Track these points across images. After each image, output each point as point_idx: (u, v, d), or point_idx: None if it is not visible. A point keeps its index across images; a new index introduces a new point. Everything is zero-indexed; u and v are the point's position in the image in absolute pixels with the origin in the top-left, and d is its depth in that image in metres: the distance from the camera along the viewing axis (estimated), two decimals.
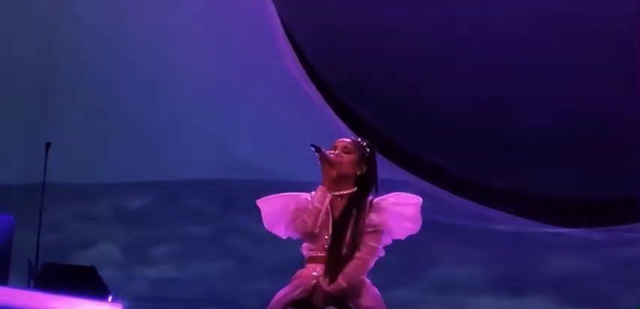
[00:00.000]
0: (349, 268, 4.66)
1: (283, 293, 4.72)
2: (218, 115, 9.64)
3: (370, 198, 4.77)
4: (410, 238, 4.79)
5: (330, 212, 4.75)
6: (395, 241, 4.80)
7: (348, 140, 4.89)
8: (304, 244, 4.81)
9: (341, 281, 4.64)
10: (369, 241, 4.70)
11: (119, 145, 9.88)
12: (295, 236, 4.83)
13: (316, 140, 4.81)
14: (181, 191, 9.83)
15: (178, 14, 9.88)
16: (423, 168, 8.79)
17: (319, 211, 4.70)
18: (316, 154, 4.75)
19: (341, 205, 4.76)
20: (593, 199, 8.46)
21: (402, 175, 8.73)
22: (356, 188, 4.78)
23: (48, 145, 9.12)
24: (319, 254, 4.73)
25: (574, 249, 8.54)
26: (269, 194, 4.87)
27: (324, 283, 4.66)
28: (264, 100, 9.46)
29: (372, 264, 4.73)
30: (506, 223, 8.65)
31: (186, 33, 9.79)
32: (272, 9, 9.72)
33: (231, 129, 9.59)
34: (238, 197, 9.27)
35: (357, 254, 4.67)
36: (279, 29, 9.68)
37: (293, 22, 9.60)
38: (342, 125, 8.94)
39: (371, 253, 4.71)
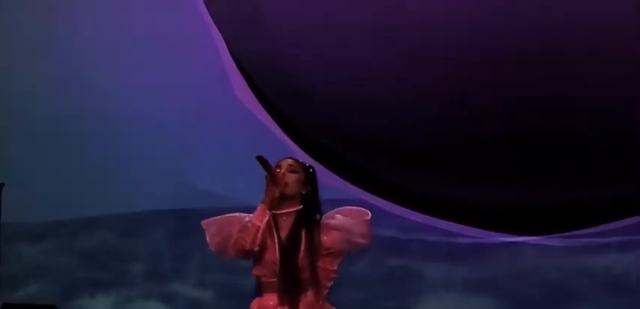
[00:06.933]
0: (310, 297, 4.60)
1: None
2: (171, 144, 9.61)
3: (318, 217, 4.67)
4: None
5: (275, 233, 4.63)
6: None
7: (293, 160, 4.81)
8: (253, 269, 4.68)
9: None
10: (325, 265, 4.63)
11: (72, 180, 9.80)
12: (237, 257, 4.66)
13: (271, 162, 4.72)
14: (137, 224, 9.79)
15: (126, 46, 9.81)
16: (382, 187, 8.80)
17: (258, 228, 4.56)
18: (262, 167, 4.62)
19: (288, 224, 4.66)
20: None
21: (357, 193, 8.77)
22: (302, 206, 4.68)
23: (1, 185, 9.10)
24: (272, 280, 4.62)
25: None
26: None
27: None
28: (215, 126, 9.43)
29: (329, 287, 4.66)
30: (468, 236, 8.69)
31: (135, 64, 9.74)
32: (216, 31, 9.64)
33: (184, 158, 9.57)
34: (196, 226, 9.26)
35: (316, 280, 4.59)
36: (224, 51, 9.62)
37: (236, 43, 9.50)
38: (294, 147, 8.92)
39: (328, 277, 4.65)
